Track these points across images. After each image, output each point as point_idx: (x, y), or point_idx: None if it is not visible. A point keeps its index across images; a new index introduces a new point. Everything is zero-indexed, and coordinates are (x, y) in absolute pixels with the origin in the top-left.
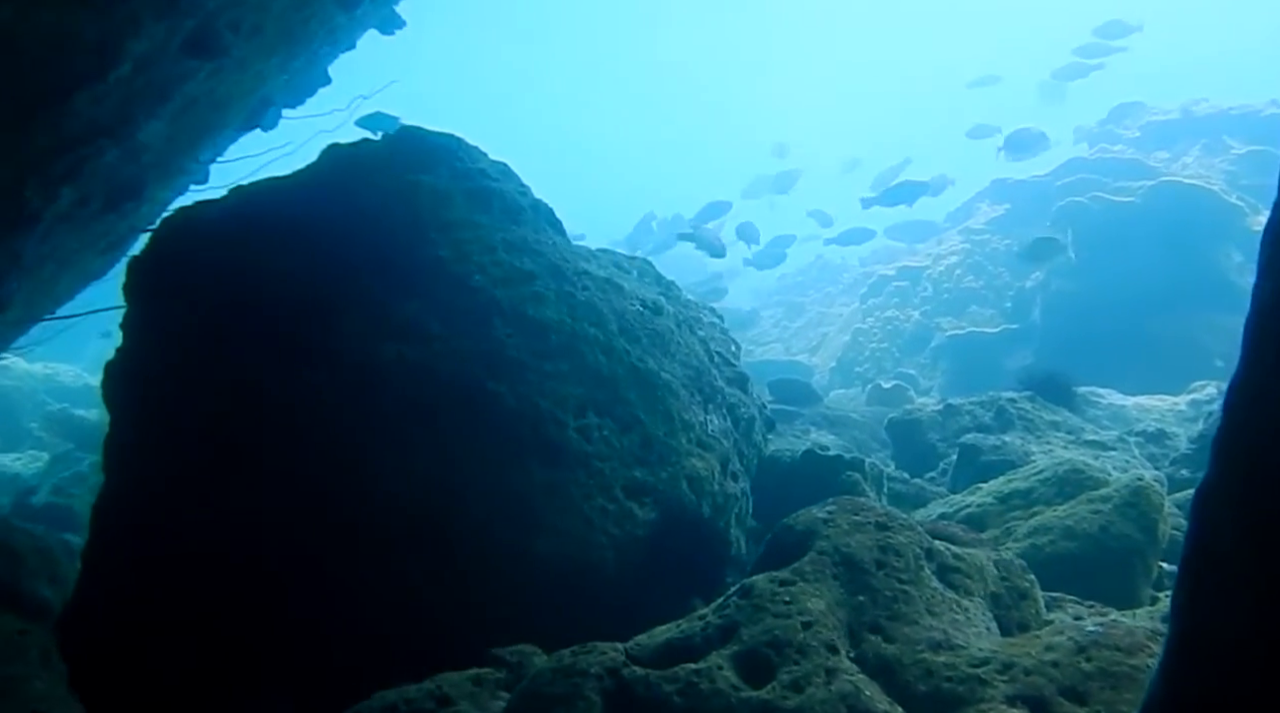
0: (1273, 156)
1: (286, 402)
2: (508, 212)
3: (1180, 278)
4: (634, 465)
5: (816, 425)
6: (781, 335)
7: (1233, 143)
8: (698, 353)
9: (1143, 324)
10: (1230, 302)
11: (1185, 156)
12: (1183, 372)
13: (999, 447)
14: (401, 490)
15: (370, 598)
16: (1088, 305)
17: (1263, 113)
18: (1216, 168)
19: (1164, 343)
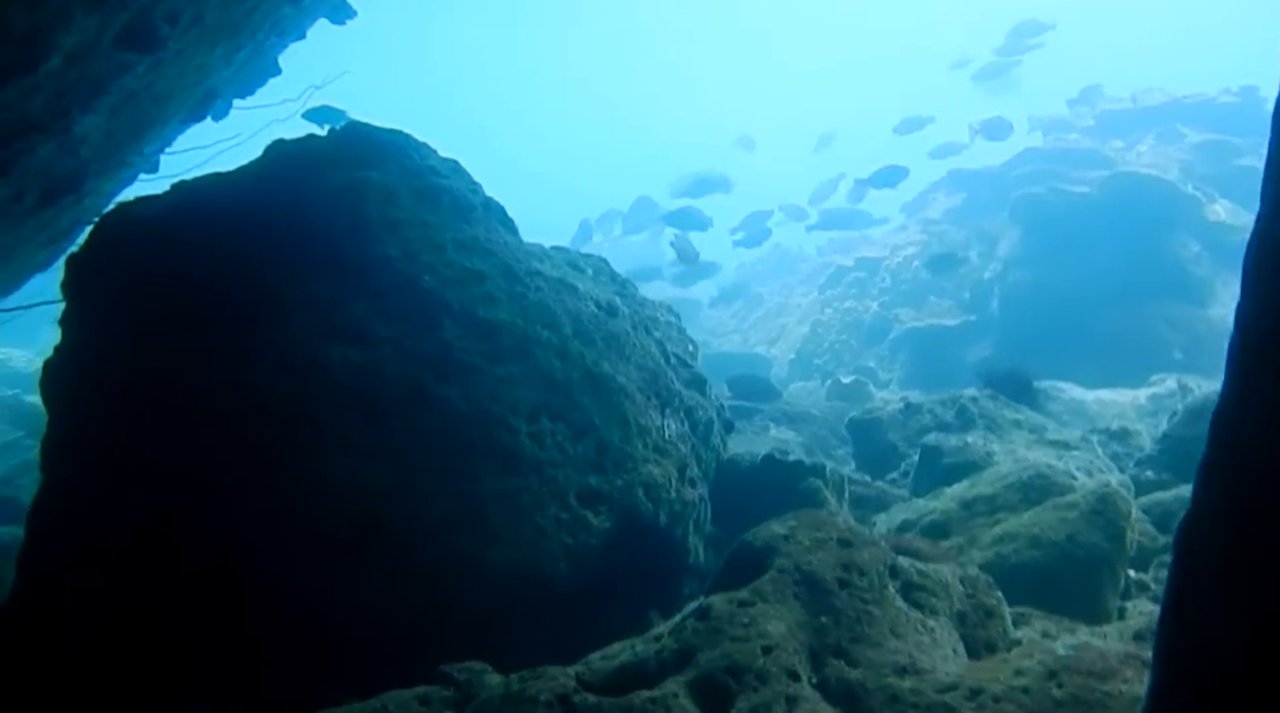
0: (1228, 145)
1: (226, 405)
2: (458, 210)
3: (1137, 269)
4: (588, 472)
5: (776, 422)
6: (740, 326)
7: (1187, 131)
8: (654, 355)
9: (1100, 315)
10: (1188, 292)
11: (1140, 145)
12: (1141, 363)
13: (961, 448)
14: (348, 496)
15: (315, 605)
16: (1045, 297)
17: (1217, 101)
18: (1172, 157)
19: (1122, 334)
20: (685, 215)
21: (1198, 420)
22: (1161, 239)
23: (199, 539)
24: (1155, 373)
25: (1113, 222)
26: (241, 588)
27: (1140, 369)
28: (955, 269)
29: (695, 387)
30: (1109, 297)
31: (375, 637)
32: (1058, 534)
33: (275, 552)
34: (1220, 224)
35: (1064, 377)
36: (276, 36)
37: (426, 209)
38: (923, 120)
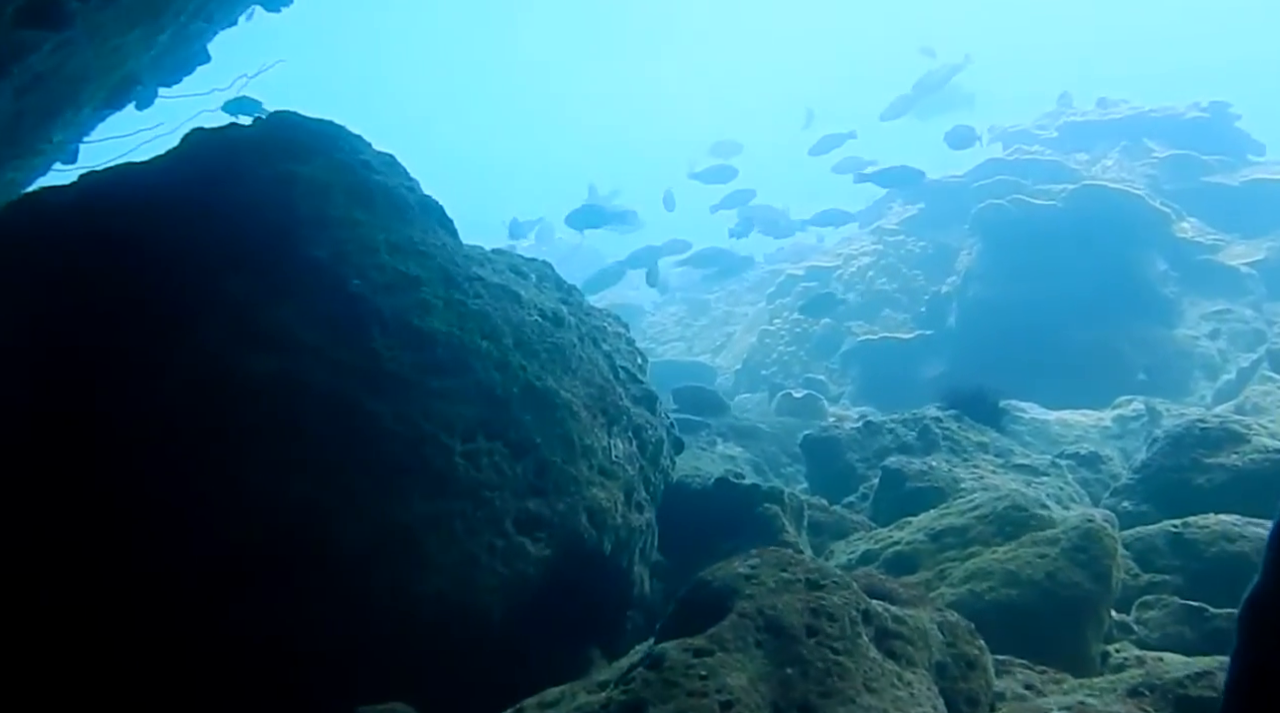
0: (1195, 161)
1: (131, 416)
2: (393, 208)
3: (1103, 286)
4: (527, 496)
5: (724, 437)
6: (684, 334)
7: (1154, 146)
8: (602, 369)
9: (1063, 334)
10: (1154, 312)
11: (1105, 159)
12: (1105, 384)
13: (925, 472)
14: (264, 518)
15: (225, 638)
16: (1006, 313)
17: (1184, 116)
18: (1138, 171)
19: (1085, 353)
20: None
21: (1179, 450)
22: (1128, 256)
23: (102, 569)
24: (1119, 394)
25: (1078, 236)
26: (136, 623)
27: (1103, 390)
28: (833, 310)
29: (645, 404)
30: (1072, 314)
31: (288, 672)
32: (1037, 572)
33: (181, 579)
34: (1188, 242)
35: (1024, 396)
36: (204, 21)
37: (359, 207)
38: (841, 137)
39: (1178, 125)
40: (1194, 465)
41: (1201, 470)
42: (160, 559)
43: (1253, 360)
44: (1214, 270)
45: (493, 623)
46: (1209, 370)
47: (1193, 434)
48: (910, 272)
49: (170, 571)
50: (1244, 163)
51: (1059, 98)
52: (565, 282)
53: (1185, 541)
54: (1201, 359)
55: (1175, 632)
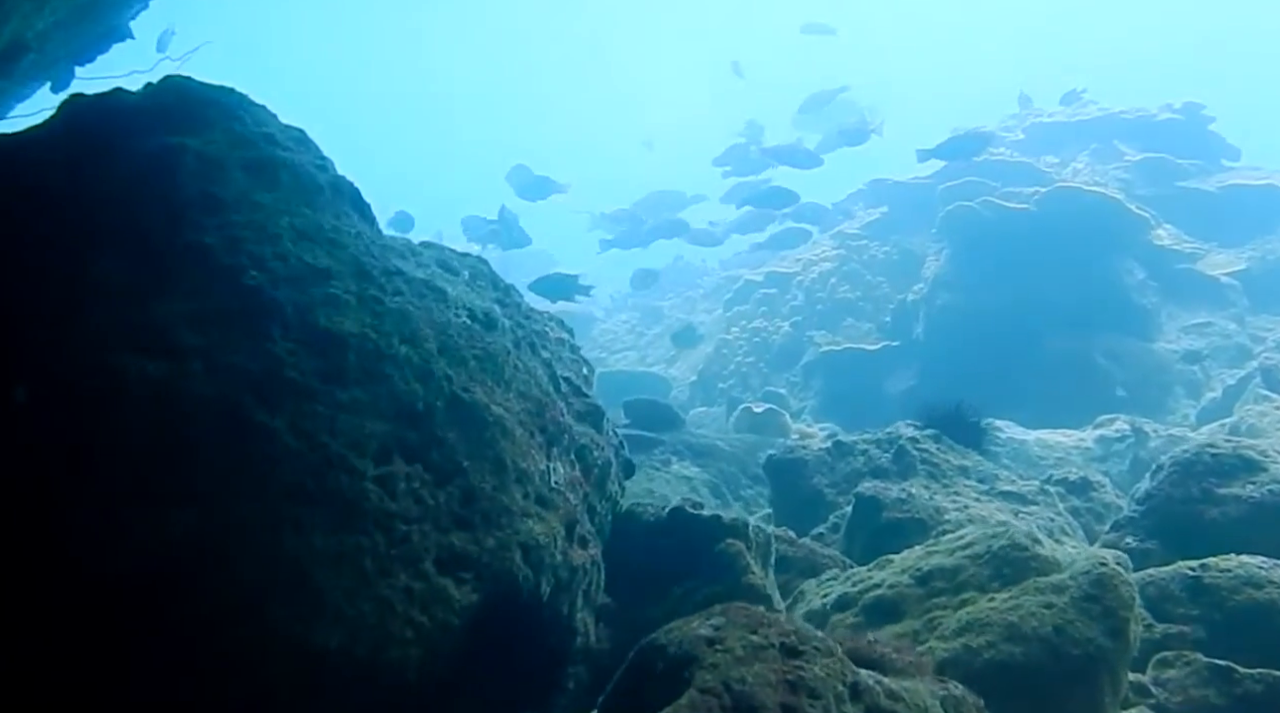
0: (1170, 165)
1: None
2: (300, 190)
3: (1078, 295)
4: (452, 529)
5: (679, 455)
6: (636, 343)
7: (1125, 149)
8: (540, 380)
9: (1037, 345)
10: (1132, 323)
11: (1075, 162)
12: (1082, 399)
13: (904, 501)
14: (136, 555)
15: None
16: (976, 322)
17: (1157, 118)
18: (1110, 175)
19: (1060, 367)
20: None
21: (1189, 478)
22: (1104, 263)
23: None
24: (1096, 410)
25: (1052, 242)
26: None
27: (1080, 406)
28: (694, 343)
29: (590, 420)
30: (1046, 324)
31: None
32: (1043, 625)
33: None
34: (1167, 250)
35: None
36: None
37: (260, 187)
38: (745, 147)
39: (1150, 127)
40: (1205, 497)
41: (1214, 502)
42: (9, 611)
43: (1240, 378)
44: (1193, 280)
45: (408, 683)
46: (1190, 387)
47: (1203, 461)
48: (874, 278)
49: (22, 625)
50: (1218, 167)
51: (1019, 98)
52: (503, 280)
53: (1205, 586)
54: (1182, 375)
55: (1199, 696)
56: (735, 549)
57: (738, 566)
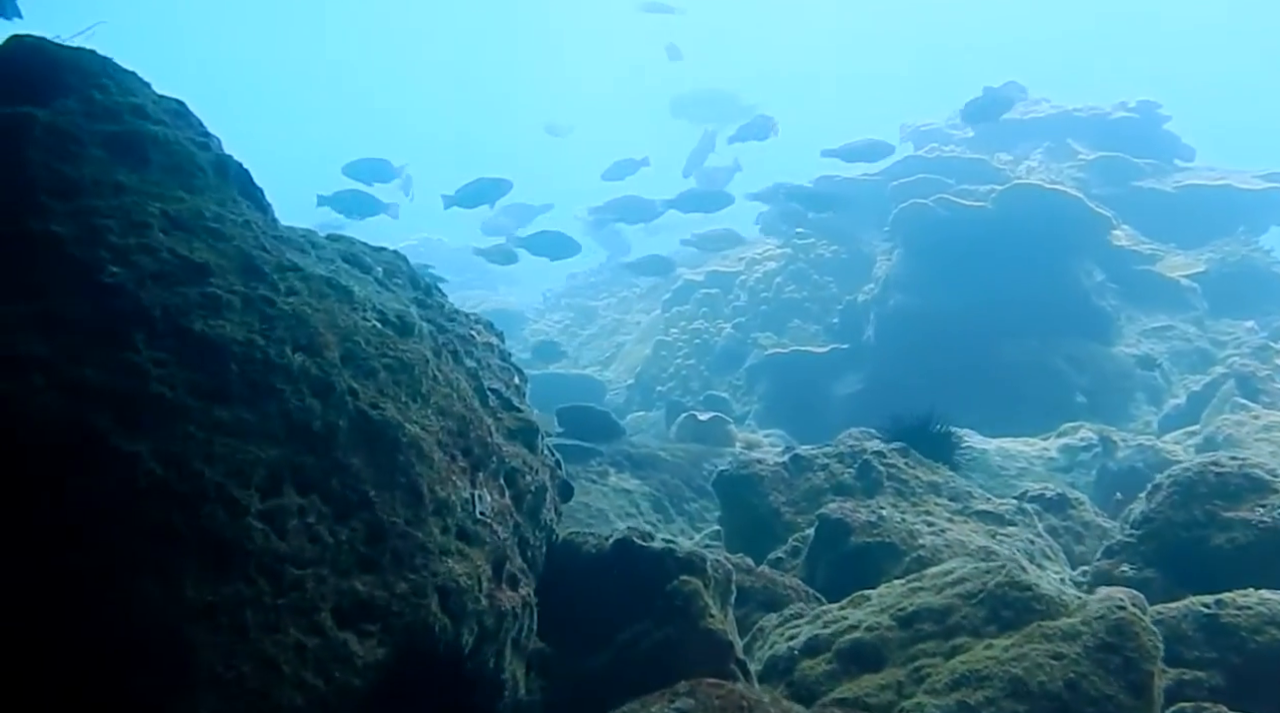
0: (1127, 164)
1: None
2: (175, 171)
3: (1036, 296)
4: (355, 573)
5: (617, 466)
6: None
7: (1080, 148)
8: (465, 393)
9: (993, 349)
10: (1091, 327)
11: (1029, 160)
12: (1041, 406)
13: (874, 524)
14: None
15: None
16: (929, 324)
17: (1111, 116)
18: (1065, 174)
19: (1018, 372)
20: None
21: (1191, 500)
22: (1063, 264)
23: None
24: (1055, 417)
25: (1009, 241)
26: None
27: (1038, 413)
28: (557, 358)
29: (522, 438)
30: (1003, 327)
31: None
32: (1053, 679)
33: None
34: (1124, 251)
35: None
36: None
37: (124, 166)
38: (635, 164)
39: (1104, 126)
40: (1210, 521)
41: (1221, 527)
42: None
43: (1206, 384)
44: (1152, 283)
45: None
46: (1152, 393)
47: (1206, 481)
48: (821, 278)
49: None
50: (1173, 167)
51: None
52: (424, 278)
53: (1223, 625)
54: (1144, 380)
55: None
56: (691, 588)
57: (694, 607)
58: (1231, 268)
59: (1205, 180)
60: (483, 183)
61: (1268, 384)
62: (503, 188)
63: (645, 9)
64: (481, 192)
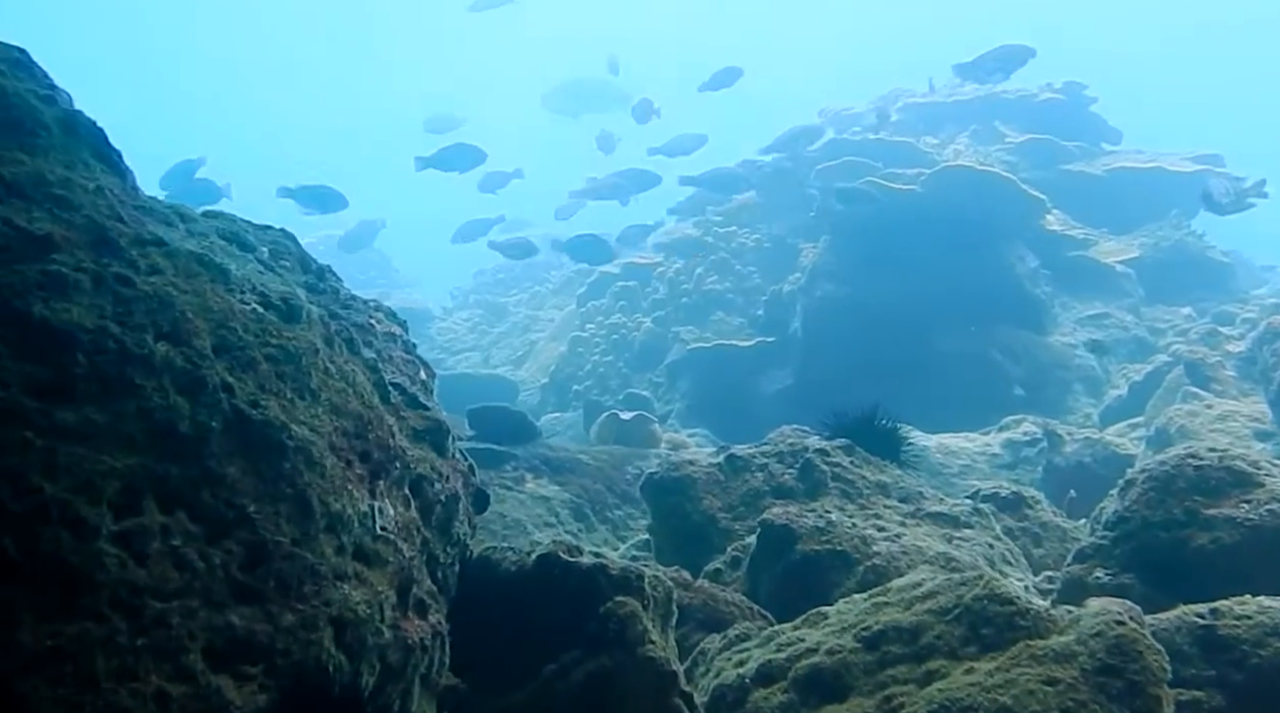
0: (1055, 147)
1: None
2: (13, 128)
3: (970, 284)
4: (231, 604)
5: (534, 471)
6: (479, 342)
7: (1006, 130)
8: (363, 388)
9: (926, 340)
10: (1026, 316)
11: (955, 143)
12: (977, 400)
13: (823, 530)
14: None
15: None
16: (859, 315)
17: (1038, 98)
18: (993, 157)
19: (952, 364)
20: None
21: (1168, 497)
22: (996, 250)
23: None
24: (992, 411)
25: (941, 226)
26: None
27: (976, 408)
28: None
29: (430, 440)
30: (935, 317)
31: None
32: (1048, 709)
33: None
34: (1057, 236)
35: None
36: None
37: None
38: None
39: (1030, 108)
40: (1191, 519)
41: (1203, 526)
42: None
43: (1148, 373)
44: (1087, 269)
45: None
46: (1090, 384)
47: (1185, 475)
48: (744, 268)
49: None
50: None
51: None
52: (316, 261)
53: (1220, 638)
54: (1081, 370)
55: None
56: (627, 610)
57: (631, 632)
58: (1165, 253)
59: (1135, 163)
60: (461, 148)
61: (1218, 371)
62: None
63: (475, 9)
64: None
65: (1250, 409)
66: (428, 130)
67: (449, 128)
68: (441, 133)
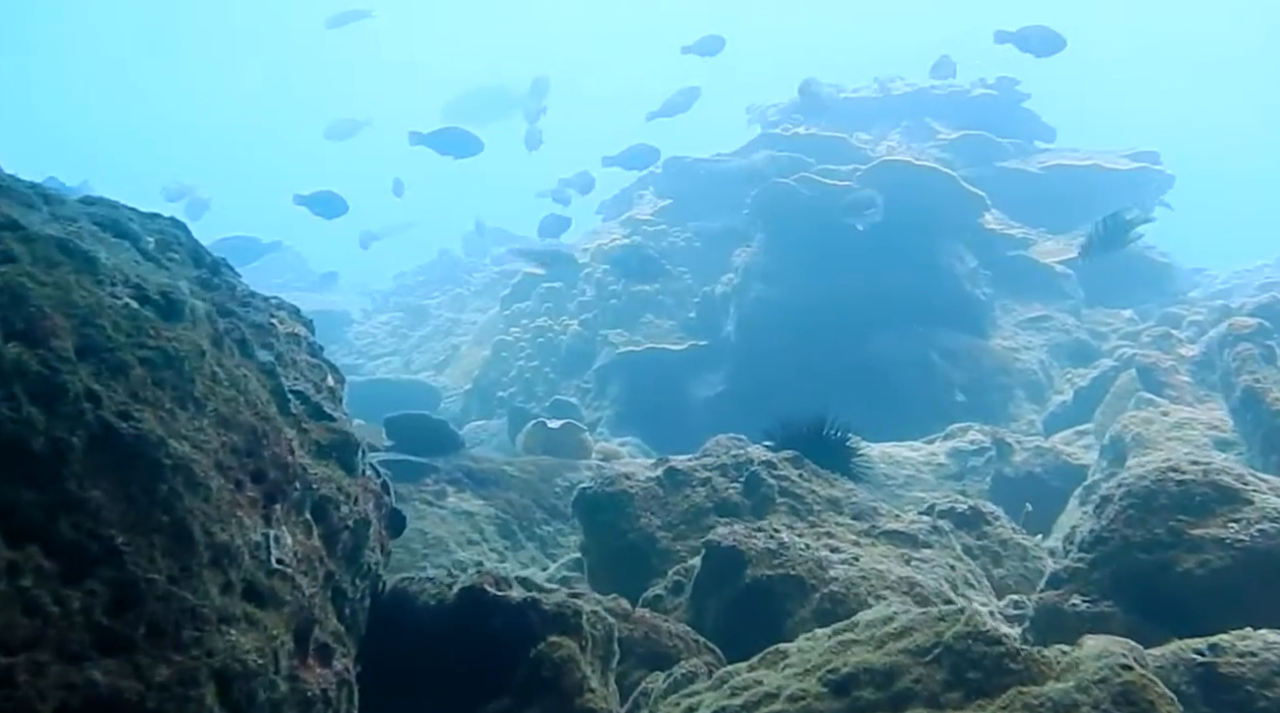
0: (989, 143)
1: None
2: None
3: (908, 285)
4: (94, 657)
5: (456, 484)
6: (400, 347)
7: (939, 126)
8: (257, 397)
9: (864, 343)
10: (966, 318)
11: (888, 139)
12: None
13: (774, 552)
14: None
15: None
16: (795, 317)
17: (970, 93)
18: (927, 154)
19: (892, 368)
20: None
21: (1150, 515)
22: (935, 249)
23: None
24: (934, 418)
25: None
26: None
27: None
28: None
29: (338, 456)
30: (874, 320)
31: None
32: None
33: None
34: (995, 235)
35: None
36: None
37: None
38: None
39: (962, 103)
40: (1176, 540)
41: (1189, 548)
42: None
43: (1094, 378)
44: (1026, 269)
45: None
46: (1032, 389)
47: (1167, 491)
48: (675, 268)
49: None
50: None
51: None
52: (211, 254)
53: (1221, 677)
54: (1023, 376)
55: None
56: (563, 653)
57: (568, 679)
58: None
59: (1072, 160)
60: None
61: (1172, 376)
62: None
63: (332, 25)
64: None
65: (1208, 416)
66: (327, 138)
67: (349, 133)
68: (341, 139)
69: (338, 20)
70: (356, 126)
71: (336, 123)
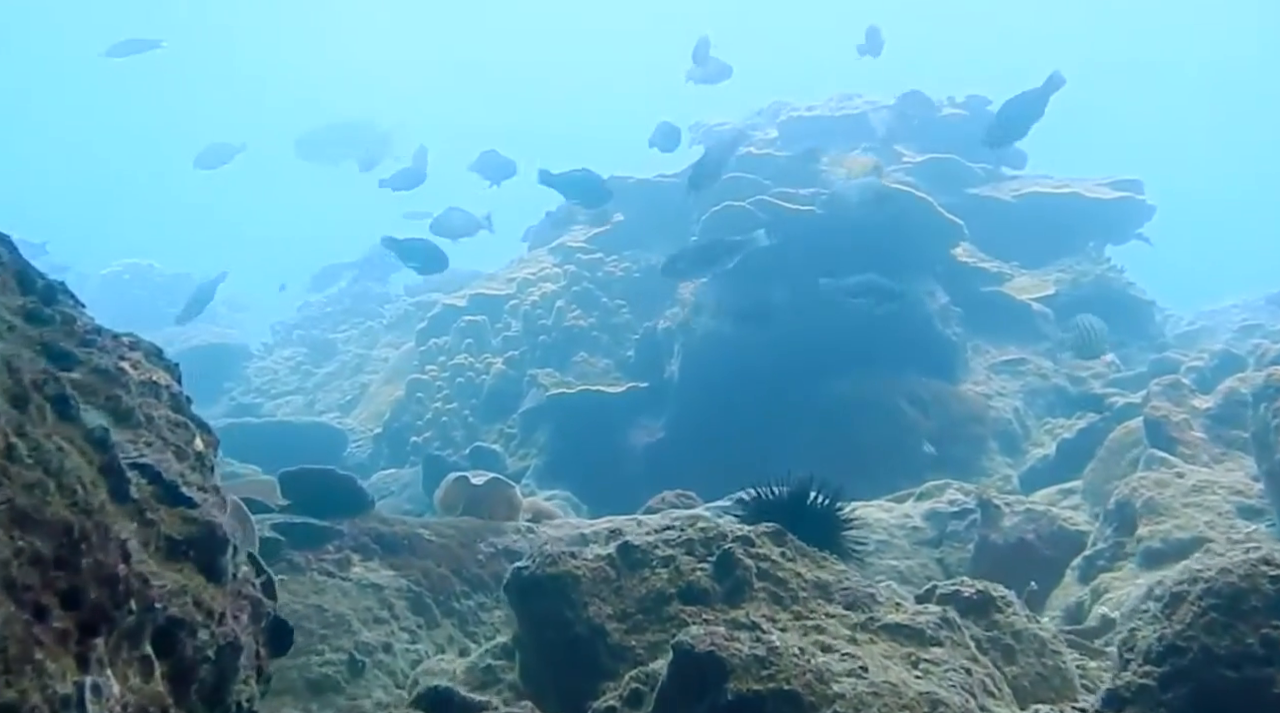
0: (959, 167)
1: None
2: None
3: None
4: None
5: (364, 552)
6: (303, 385)
7: (904, 149)
8: (76, 479)
9: (822, 386)
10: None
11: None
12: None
13: (763, 660)
14: None
15: None
16: (747, 357)
17: (939, 112)
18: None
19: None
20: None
21: (1238, 619)
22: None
23: None
24: (900, 474)
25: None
26: None
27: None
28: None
29: (196, 558)
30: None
31: None
32: None
33: None
34: (968, 268)
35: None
36: None
37: None
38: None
39: (930, 125)
40: (1272, 653)
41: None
42: None
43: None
44: (1000, 307)
45: None
46: (1006, 441)
47: (1259, 590)
48: (612, 302)
49: None
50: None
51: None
52: (44, 277)
53: None
54: (996, 426)
55: None
56: None
57: None
58: (1085, 290)
59: (1049, 188)
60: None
61: (1184, 432)
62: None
63: (113, 54)
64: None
65: (1228, 479)
66: (197, 167)
67: (222, 161)
68: (213, 167)
69: (121, 49)
70: (231, 152)
71: (209, 149)
